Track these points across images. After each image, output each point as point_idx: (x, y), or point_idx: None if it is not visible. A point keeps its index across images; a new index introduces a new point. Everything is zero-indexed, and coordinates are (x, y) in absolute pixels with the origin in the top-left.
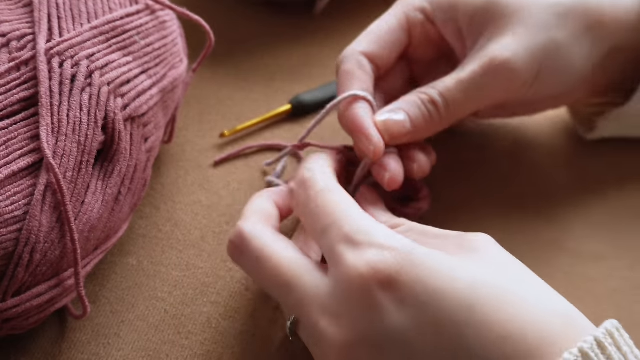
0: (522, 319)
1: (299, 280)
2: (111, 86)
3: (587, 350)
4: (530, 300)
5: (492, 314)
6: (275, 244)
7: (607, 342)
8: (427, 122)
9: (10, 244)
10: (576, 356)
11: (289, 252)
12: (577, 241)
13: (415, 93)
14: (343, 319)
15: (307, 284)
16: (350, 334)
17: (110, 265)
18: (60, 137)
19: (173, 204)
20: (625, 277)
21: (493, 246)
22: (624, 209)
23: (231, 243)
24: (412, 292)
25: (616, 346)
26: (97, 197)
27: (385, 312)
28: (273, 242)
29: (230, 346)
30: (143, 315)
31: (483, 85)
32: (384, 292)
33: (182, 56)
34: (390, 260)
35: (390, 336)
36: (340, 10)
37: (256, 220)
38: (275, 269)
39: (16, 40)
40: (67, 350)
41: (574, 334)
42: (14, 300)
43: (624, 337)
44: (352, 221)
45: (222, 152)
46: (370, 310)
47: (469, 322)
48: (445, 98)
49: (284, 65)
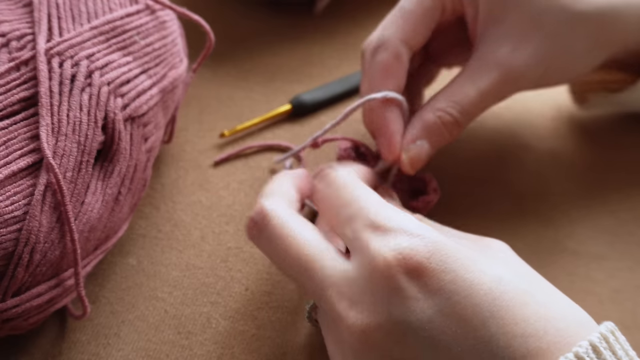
0: (543, 317)
1: (320, 262)
2: (111, 86)
3: (582, 355)
4: (547, 303)
5: (516, 309)
6: (298, 224)
7: (602, 347)
8: (447, 141)
9: (10, 244)
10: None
11: (312, 234)
12: (578, 242)
13: (435, 112)
14: (364, 305)
15: (328, 266)
16: (370, 320)
17: (110, 265)
18: (60, 137)
19: (173, 204)
20: (627, 277)
21: (509, 252)
22: (625, 210)
23: (251, 220)
24: (440, 282)
25: (611, 350)
26: (97, 197)
27: (410, 299)
28: (296, 223)
29: (230, 346)
30: (143, 315)
31: (501, 93)
32: (410, 280)
33: (182, 56)
34: (421, 248)
35: (413, 324)
36: (340, 10)
37: (278, 198)
38: (297, 249)
39: (16, 40)
40: (67, 350)
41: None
42: (14, 300)
43: (620, 340)
44: (379, 209)
45: (222, 152)
46: (394, 297)
47: (494, 315)
48: (467, 113)
49: (284, 65)
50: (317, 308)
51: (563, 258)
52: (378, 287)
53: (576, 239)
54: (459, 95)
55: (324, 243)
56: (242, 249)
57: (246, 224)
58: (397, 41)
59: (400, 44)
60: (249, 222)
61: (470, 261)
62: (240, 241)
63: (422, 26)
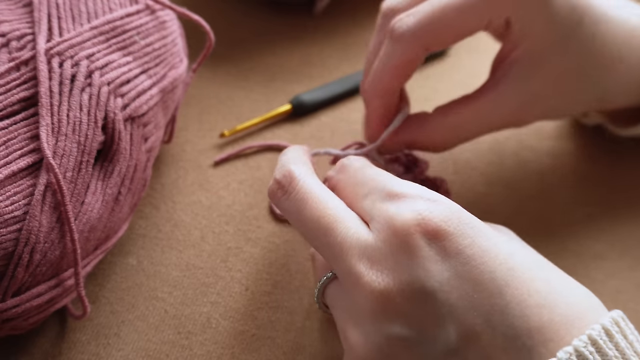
0: (554, 290)
1: (342, 224)
2: (111, 86)
3: (595, 337)
4: (557, 276)
5: (530, 281)
6: (324, 189)
7: (614, 330)
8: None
9: (10, 244)
10: (585, 342)
11: (335, 200)
12: (578, 242)
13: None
14: (385, 267)
15: (350, 229)
16: (390, 282)
17: (110, 265)
18: (60, 137)
19: (173, 204)
20: (627, 277)
21: (514, 237)
22: (625, 209)
23: (277, 182)
24: (458, 245)
25: (622, 334)
26: (97, 197)
27: (428, 261)
28: (320, 187)
29: (230, 346)
30: (143, 315)
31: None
32: (429, 242)
33: (182, 56)
34: (440, 211)
35: (431, 286)
36: (340, 10)
37: (304, 165)
38: (321, 210)
39: (16, 40)
40: (67, 351)
41: (597, 310)
42: (14, 300)
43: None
44: (395, 181)
45: (222, 152)
46: (413, 258)
47: (509, 284)
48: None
49: (284, 65)
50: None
51: (563, 258)
52: (398, 249)
53: (576, 238)
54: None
55: (347, 210)
56: (242, 249)
57: (269, 187)
58: (426, 42)
59: (425, 47)
60: (274, 184)
61: (487, 230)
62: (240, 241)
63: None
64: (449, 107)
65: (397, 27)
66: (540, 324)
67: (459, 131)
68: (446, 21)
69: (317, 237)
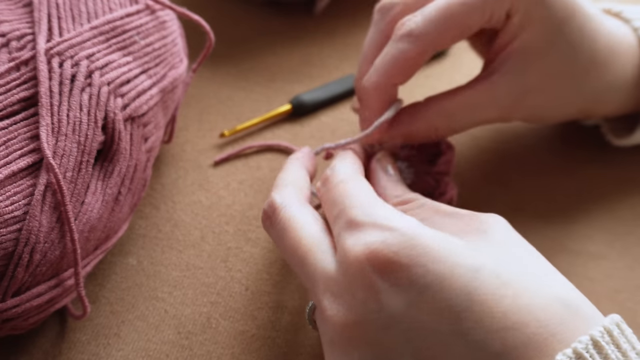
0: (524, 308)
1: (312, 255)
2: (111, 86)
3: (581, 351)
4: (532, 287)
5: (493, 302)
6: (302, 217)
7: (604, 341)
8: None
9: (10, 244)
10: (570, 357)
11: (312, 227)
12: (577, 241)
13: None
14: (343, 300)
15: (318, 261)
16: (350, 315)
17: (110, 265)
18: (60, 137)
19: (173, 204)
20: (626, 277)
21: (503, 228)
22: (623, 209)
23: (264, 212)
24: (412, 276)
25: (615, 344)
26: (97, 197)
27: (382, 294)
28: (300, 215)
29: (230, 346)
30: (143, 315)
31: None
32: (381, 276)
33: (182, 56)
34: (390, 241)
35: (389, 318)
36: (340, 10)
37: (288, 191)
38: (296, 241)
39: (16, 40)
40: (67, 351)
41: (575, 322)
42: (14, 300)
43: (626, 333)
44: (359, 206)
45: (222, 152)
46: (368, 292)
47: (469, 309)
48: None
49: (284, 65)
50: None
51: (562, 257)
52: (353, 283)
53: (575, 238)
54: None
55: (320, 237)
56: (242, 249)
57: (261, 216)
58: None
59: (433, 45)
60: (263, 214)
61: (445, 252)
62: (240, 241)
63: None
64: (441, 96)
65: (405, 25)
66: (504, 349)
67: (450, 120)
68: (452, 17)
69: (295, 267)
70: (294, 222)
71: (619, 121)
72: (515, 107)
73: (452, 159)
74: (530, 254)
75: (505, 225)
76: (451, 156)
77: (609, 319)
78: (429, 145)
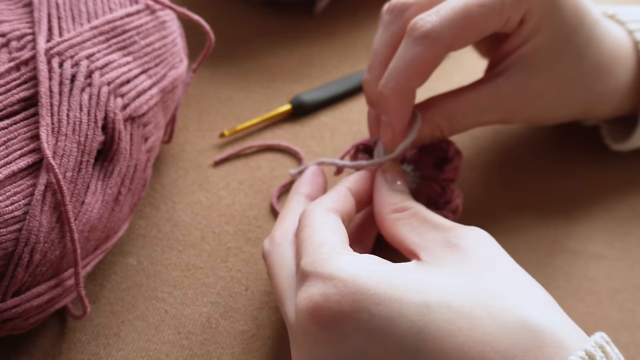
0: (481, 339)
1: (282, 302)
2: (111, 86)
3: None
4: (495, 314)
5: (447, 338)
6: (282, 261)
7: None
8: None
9: (10, 244)
10: None
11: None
12: (577, 241)
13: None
14: (300, 347)
15: (286, 308)
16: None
17: (110, 265)
18: (60, 137)
19: (173, 204)
20: (626, 277)
21: (482, 244)
22: (623, 209)
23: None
24: (357, 323)
25: None
26: (97, 197)
27: (330, 344)
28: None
29: (230, 346)
30: (143, 315)
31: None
32: (325, 329)
33: (182, 56)
34: (330, 292)
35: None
36: (340, 10)
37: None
38: (275, 284)
39: (16, 40)
40: (67, 351)
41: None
42: (14, 300)
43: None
44: (308, 253)
45: (222, 152)
46: (316, 343)
47: (420, 349)
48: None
49: (284, 65)
50: None
51: (562, 258)
52: (303, 334)
53: (575, 238)
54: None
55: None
56: (242, 249)
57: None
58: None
59: (449, 47)
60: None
61: (389, 292)
62: (240, 241)
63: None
64: (445, 96)
65: (419, 25)
66: None
67: (454, 121)
68: (470, 19)
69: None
70: (273, 269)
71: (618, 122)
72: (519, 109)
73: (460, 165)
74: (505, 273)
75: (485, 240)
76: (459, 163)
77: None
78: (437, 149)
